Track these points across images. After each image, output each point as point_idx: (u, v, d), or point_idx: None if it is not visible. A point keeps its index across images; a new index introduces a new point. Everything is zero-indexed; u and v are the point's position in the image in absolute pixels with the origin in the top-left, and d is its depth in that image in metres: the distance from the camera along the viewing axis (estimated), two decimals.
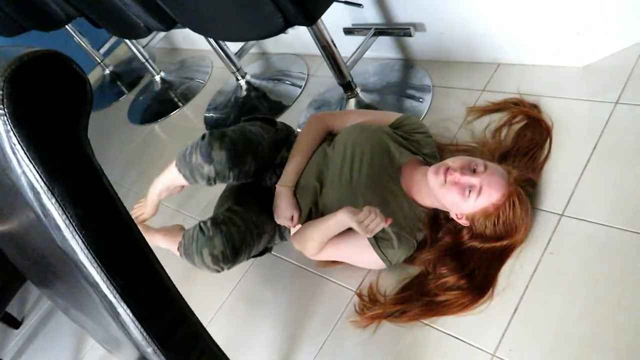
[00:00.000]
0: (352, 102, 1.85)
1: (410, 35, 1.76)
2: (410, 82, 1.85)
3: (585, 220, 1.20)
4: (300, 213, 1.37)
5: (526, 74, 1.60)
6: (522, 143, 1.39)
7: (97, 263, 0.48)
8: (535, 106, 1.47)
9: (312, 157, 1.43)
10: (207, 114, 2.38)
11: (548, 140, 1.38)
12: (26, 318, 2.02)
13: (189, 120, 2.47)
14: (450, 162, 1.20)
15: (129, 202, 2.19)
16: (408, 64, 1.91)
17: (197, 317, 0.59)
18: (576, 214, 1.22)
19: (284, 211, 1.36)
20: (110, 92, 3.07)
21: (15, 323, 1.99)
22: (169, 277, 0.56)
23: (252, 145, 1.34)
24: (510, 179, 1.18)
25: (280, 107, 2.14)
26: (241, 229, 1.28)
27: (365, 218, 1.15)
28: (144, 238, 0.54)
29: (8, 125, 0.43)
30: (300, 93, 2.14)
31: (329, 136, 1.49)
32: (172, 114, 2.56)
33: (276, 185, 1.40)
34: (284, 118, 2.08)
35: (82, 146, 0.46)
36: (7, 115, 0.43)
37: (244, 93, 2.31)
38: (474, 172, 1.16)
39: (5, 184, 0.49)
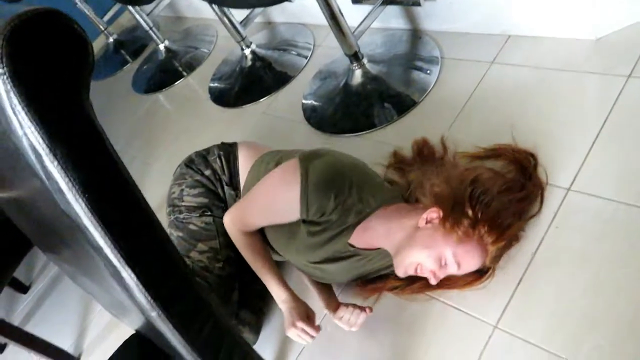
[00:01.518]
0: (359, 72, 1.82)
1: (419, 5, 1.72)
2: (418, 54, 1.82)
3: (593, 196, 1.19)
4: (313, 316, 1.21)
5: (537, 46, 1.56)
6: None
7: (101, 227, 0.48)
8: (532, 155, 1.28)
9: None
10: (211, 84, 2.36)
11: (540, 197, 1.23)
12: (33, 284, 2.05)
13: (194, 90, 2.45)
14: (421, 260, 1.08)
15: (133, 171, 2.19)
16: (416, 34, 1.87)
17: (200, 285, 0.59)
18: (583, 189, 1.21)
19: (287, 327, 1.17)
20: (114, 61, 3.04)
21: (23, 288, 2.02)
22: (173, 244, 0.56)
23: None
24: (486, 260, 1.09)
25: (286, 78, 2.11)
26: None
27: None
28: (148, 205, 0.54)
29: (8, 85, 0.42)
30: (306, 64, 2.11)
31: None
32: (176, 83, 2.53)
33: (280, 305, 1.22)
34: (290, 89, 2.06)
35: (85, 108, 0.45)
36: (7, 74, 0.42)
37: (249, 63, 2.28)
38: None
39: (7, 148, 0.49)
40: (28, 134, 0.43)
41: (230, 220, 1.24)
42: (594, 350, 0.98)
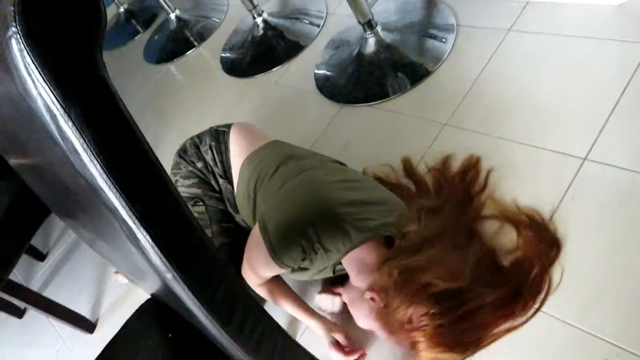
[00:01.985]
0: (372, 41, 1.79)
1: None
2: (433, 21, 1.78)
3: (610, 165, 1.17)
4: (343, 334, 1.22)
5: (556, 12, 1.52)
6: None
7: (116, 188, 0.48)
8: (556, 244, 1.13)
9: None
10: (223, 54, 2.34)
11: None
12: (50, 252, 2.09)
13: (205, 60, 2.43)
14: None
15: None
16: (431, 1, 1.83)
17: (216, 248, 0.60)
18: (600, 159, 1.19)
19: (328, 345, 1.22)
20: (125, 31, 3.02)
21: (40, 256, 2.07)
22: (188, 207, 0.57)
23: None
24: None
25: (298, 47, 2.08)
26: None
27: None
28: (162, 167, 0.54)
29: (22, 44, 0.42)
30: (319, 32, 2.07)
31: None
32: (187, 53, 2.52)
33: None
34: (302, 58, 2.04)
35: (99, 69, 0.45)
36: (20, 33, 0.41)
37: (261, 32, 2.25)
38: None
39: (22, 110, 0.49)
40: (42, 93, 0.43)
41: (244, 276, 1.22)
42: (608, 316, 0.99)
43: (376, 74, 1.75)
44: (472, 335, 1.01)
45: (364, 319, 1.10)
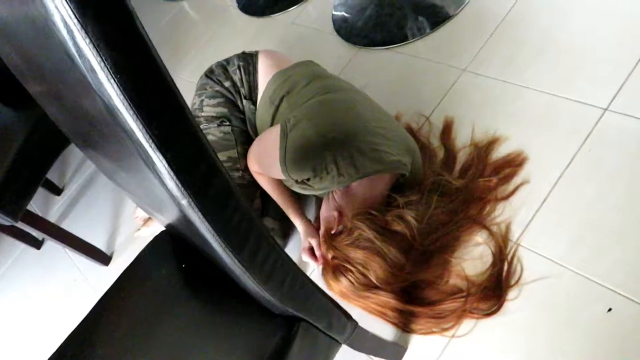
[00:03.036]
0: None
1: None
2: None
3: (632, 117, 1.14)
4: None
5: None
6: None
7: (133, 110, 0.48)
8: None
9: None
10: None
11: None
12: (66, 186, 2.13)
13: None
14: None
15: None
16: None
17: (229, 174, 0.60)
18: (622, 109, 1.16)
19: (302, 242, 1.30)
20: None
21: (56, 190, 2.11)
22: (202, 132, 0.57)
23: None
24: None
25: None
26: None
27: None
28: (179, 91, 0.54)
29: None
30: None
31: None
32: None
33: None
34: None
35: None
36: None
37: None
38: None
39: (40, 27, 0.48)
40: (59, 6, 0.43)
41: (249, 162, 1.28)
42: (616, 264, 0.99)
43: (395, 17, 1.70)
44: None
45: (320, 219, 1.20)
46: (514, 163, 1.22)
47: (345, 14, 1.83)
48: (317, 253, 1.23)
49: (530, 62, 1.36)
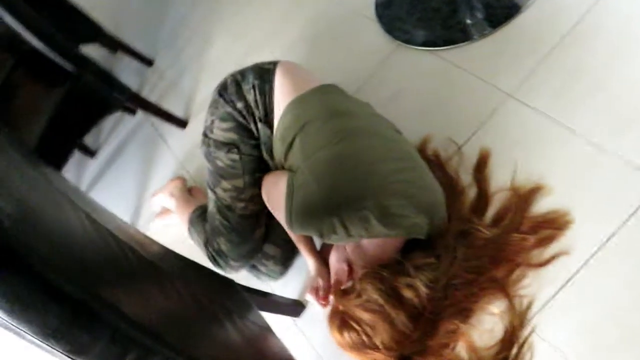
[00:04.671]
0: None
1: None
2: None
3: None
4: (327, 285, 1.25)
5: None
6: None
7: None
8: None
9: None
10: None
11: None
12: (100, 150, 2.16)
13: None
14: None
15: (193, 48, 2.10)
16: None
17: None
18: None
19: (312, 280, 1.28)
20: None
21: (90, 152, 2.14)
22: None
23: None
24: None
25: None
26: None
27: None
28: None
29: None
30: None
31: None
32: None
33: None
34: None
35: None
36: None
37: None
38: None
39: None
40: None
41: (262, 195, 1.25)
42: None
43: (445, 11, 1.49)
44: None
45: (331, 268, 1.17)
46: (556, 224, 1.06)
47: None
48: (322, 298, 1.22)
49: (584, 99, 1.17)
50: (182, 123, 1.90)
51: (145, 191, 1.89)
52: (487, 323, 1.05)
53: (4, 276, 0.39)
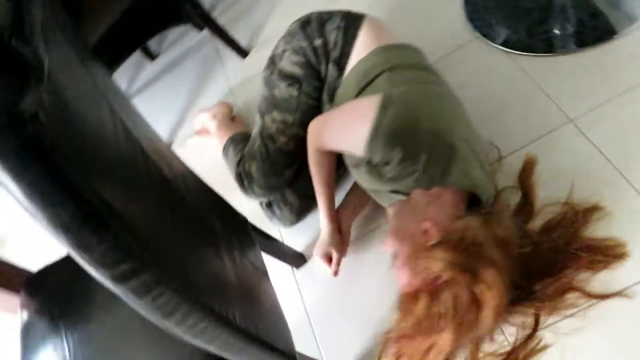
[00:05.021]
0: None
1: None
2: None
3: None
4: (340, 256, 1.21)
5: None
6: None
7: None
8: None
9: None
10: None
11: None
12: (160, 55, 2.20)
13: None
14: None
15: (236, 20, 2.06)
16: None
17: None
18: None
19: (318, 249, 1.22)
20: None
21: (151, 55, 2.18)
22: None
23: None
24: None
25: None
26: None
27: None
28: None
29: None
30: None
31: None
32: None
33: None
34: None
35: None
36: None
37: None
38: None
39: None
40: None
41: (311, 130, 1.18)
42: None
43: (535, 14, 1.41)
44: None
45: (397, 235, 1.00)
46: (612, 252, 1.01)
47: None
48: (334, 266, 1.20)
49: None
50: (243, 52, 1.91)
51: (191, 107, 1.93)
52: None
53: (28, 164, 0.42)
